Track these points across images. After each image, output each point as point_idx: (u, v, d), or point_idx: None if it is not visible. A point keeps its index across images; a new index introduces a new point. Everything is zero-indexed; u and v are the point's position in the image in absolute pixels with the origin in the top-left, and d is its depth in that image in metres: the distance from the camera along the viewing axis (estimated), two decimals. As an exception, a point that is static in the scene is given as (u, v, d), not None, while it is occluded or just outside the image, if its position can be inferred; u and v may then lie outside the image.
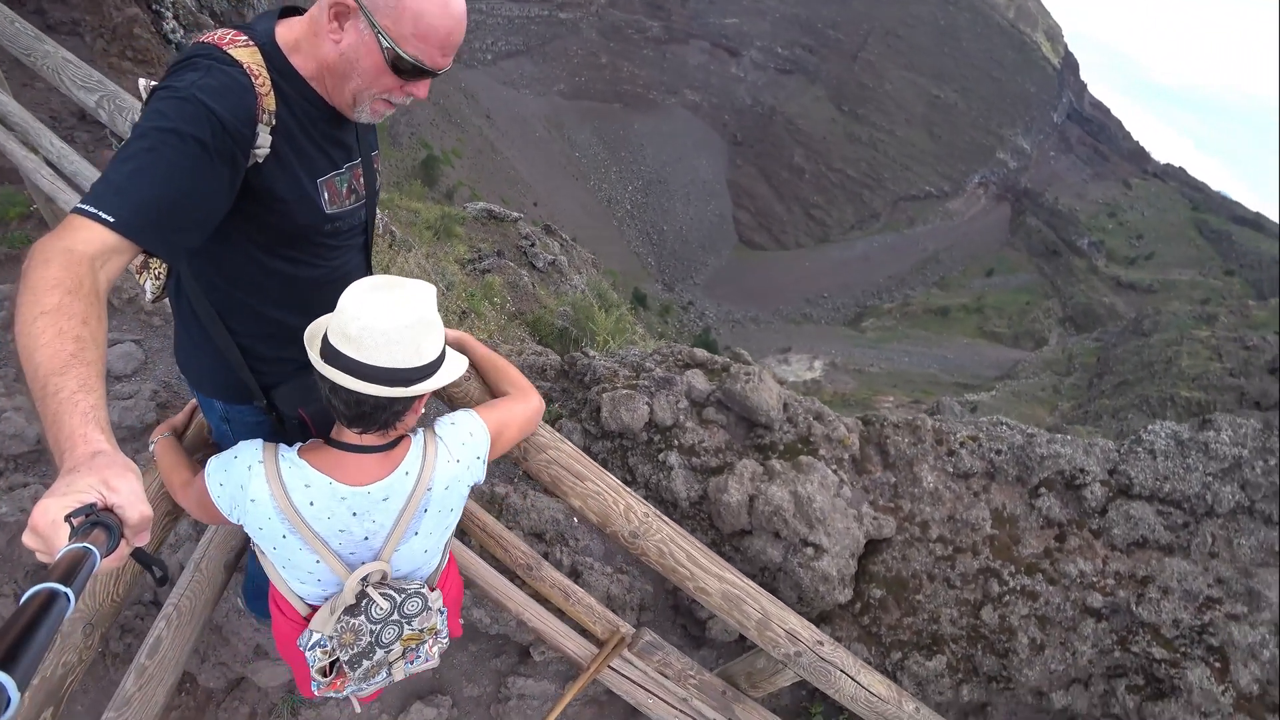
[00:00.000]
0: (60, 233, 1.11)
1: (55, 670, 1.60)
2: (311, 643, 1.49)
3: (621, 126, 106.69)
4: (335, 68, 1.37)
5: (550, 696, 3.40)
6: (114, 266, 1.16)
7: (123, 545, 0.87)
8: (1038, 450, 3.23)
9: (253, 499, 1.38)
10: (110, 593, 1.72)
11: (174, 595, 2.21)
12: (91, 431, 0.96)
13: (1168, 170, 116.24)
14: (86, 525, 0.81)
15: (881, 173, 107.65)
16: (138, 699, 2.02)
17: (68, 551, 0.76)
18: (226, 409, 1.74)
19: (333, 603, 1.49)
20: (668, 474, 3.38)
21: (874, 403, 44.39)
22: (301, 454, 1.42)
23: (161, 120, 1.20)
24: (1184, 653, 2.90)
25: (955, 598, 3.13)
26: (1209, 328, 37.62)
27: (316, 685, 1.56)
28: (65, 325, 1.02)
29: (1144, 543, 3.03)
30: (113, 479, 0.89)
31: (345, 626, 1.50)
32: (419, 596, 1.57)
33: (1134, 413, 25.30)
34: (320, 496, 1.39)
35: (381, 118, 1.46)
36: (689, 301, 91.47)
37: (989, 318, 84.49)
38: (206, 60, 1.28)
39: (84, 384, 0.99)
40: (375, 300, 1.28)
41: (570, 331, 8.97)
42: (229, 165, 1.27)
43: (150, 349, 3.99)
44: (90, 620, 1.67)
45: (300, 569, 1.48)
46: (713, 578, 2.10)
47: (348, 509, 1.41)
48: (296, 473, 1.39)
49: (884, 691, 2.21)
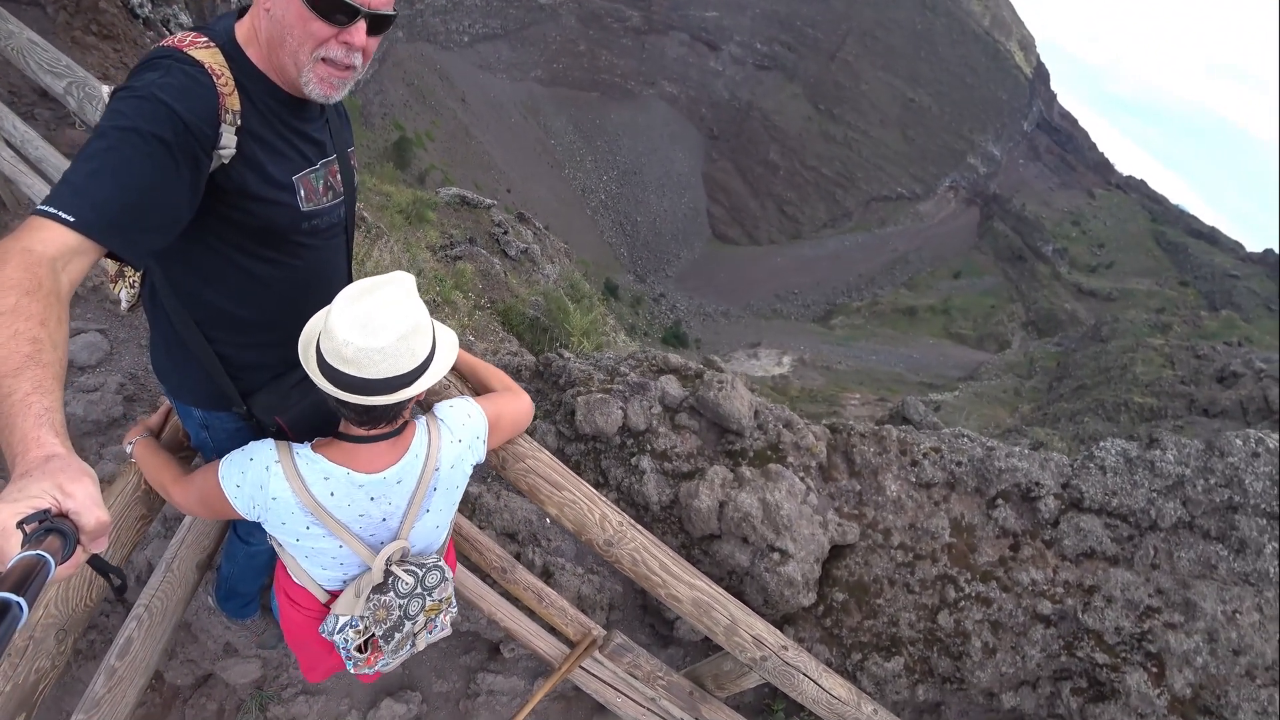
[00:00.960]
0: (19, 234, 1.10)
1: (28, 677, 1.60)
2: (340, 625, 1.57)
3: (598, 116, 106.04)
4: (272, 38, 1.34)
5: (519, 692, 3.45)
6: (76, 268, 1.14)
7: (79, 552, 0.84)
8: (996, 463, 3.36)
9: (274, 497, 1.43)
10: (83, 598, 1.72)
11: (144, 596, 2.21)
12: (45, 435, 0.92)
13: (1130, 182, 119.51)
14: (40, 532, 0.78)
15: (855, 172, 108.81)
16: (107, 701, 2.02)
17: (20, 559, 0.73)
18: (205, 416, 1.74)
19: (358, 585, 1.57)
20: (640, 478, 3.45)
21: (841, 399, 45.03)
22: (315, 449, 1.48)
23: (121, 119, 1.20)
24: (1124, 658, 3.06)
25: (914, 602, 3.26)
26: (1163, 336, 38.93)
27: (353, 663, 1.64)
28: (21, 326, 1.00)
29: (1092, 554, 3.18)
30: (68, 484, 0.86)
31: (376, 604, 1.58)
32: (437, 569, 1.66)
33: (1090, 416, 26.12)
34: (340, 487, 1.46)
35: (334, 90, 1.40)
36: (660, 293, 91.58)
37: (955, 319, 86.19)
38: (167, 61, 1.28)
39: (39, 386, 0.96)
40: (362, 318, 1.30)
41: (541, 322, 8.97)
42: (190, 165, 1.26)
43: (116, 339, 3.90)
44: (63, 626, 1.68)
45: (324, 556, 1.55)
46: (684, 585, 2.18)
47: (366, 495, 1.48)
48: (315, 467, 1.45)
49: (844, 694, 2.31)
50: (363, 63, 1.40)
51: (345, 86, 1.42)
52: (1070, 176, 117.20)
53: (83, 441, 3.38)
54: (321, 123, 1.57)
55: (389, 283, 1.37)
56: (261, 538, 2.17)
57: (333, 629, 1.60)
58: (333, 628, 1.60)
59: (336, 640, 1.60)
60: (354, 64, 1.38)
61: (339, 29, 1.30)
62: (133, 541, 1.87)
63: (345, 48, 1.34)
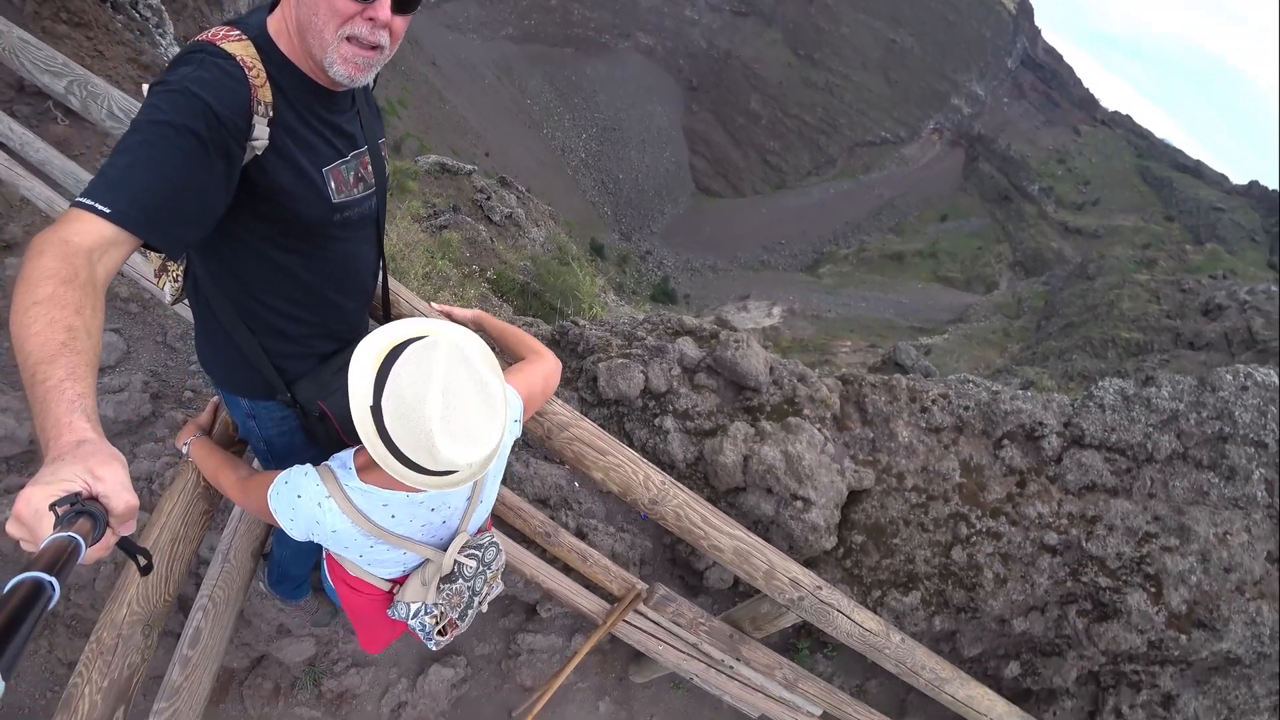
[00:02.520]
0: (57, 225, 1.13)
1: (121, 671, 1.71)
2: (414, 612, 1.62)
3: (573, 72, 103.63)
4: (300, 22, 1.34)
5: (558, 649, 3.65)
6: (112, 259, 1.16)
7: (108, 534, 0.86)
8: (1002, 406, 3.53)
9: (334, 530, 1.43)
10: (162, 593, 1.82)
11: (206, 587, 2.29)
12: (77, 420, 0.94)
13: (1115, 118, 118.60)
14: (71, 514, 0.80)
15: (838, 119, 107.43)
16: (185, 688, 2.11)
17: (53, 541, 0.74)
18: (252, 406, 1.77)
19: (423, 575, 1.60)
20: (664, 438, 3.60)
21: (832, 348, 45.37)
22: (364, 476, 1.41)
23: (156, 114, 1.21)
24: (1125, 580, 3.28)
25: (928, 540, 3.46)
26: (1149, 272, 39.28)
27: (434, 642, 1.68)
28: (57, 315, 1.02)
29: (1093, 486, 3.38)
30: (98, 468, 0.87)
31: (449, 593, 1.63)
32: (493, 545, 1.72)
33: (1078, 354, 26.53)
34: (400, 509, 1.45)
35: (359, 70, 1.38)
36: (647, 251, 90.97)
37: (942, 262, 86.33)
38: (200, 55, 1.30)
39: (72, 372, 0.98)
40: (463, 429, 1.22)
41: (532, 287, 9.01)
42: (224, 157, 1.27)
43: (131, 337, 3.90)
44: (147, 621, 1.78)
45: (385, 563, 1.59)
46: (725, 535, 2.33)
47: (427, 508, 1.49)
48: (370, 498, 1.42)
49: (875, 626, 2.50)
50: (390, 43, 1.39)
51: (372, 69, 1.41)
52: (1055, 114, 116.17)
53: (116, 442, 3.40)
54: (353, 114, 1.59)
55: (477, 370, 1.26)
56: None
57: (406, 615, 1.63)
58: (406, 614, 1.62)
59: (413, 624, 1.64)
60: (380, 43, 1.36)
61: (364, 5, 1.30)
62: (198, 537, 1.96)
63: (370, 24, 1.32)
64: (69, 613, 2.93)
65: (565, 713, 3.60)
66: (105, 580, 2.88)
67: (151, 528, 1.86)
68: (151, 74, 5.45)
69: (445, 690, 3.33)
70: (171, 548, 1.85)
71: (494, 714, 3.48)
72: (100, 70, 5.03)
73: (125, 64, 5.40)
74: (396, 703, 3.27)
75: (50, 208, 3.37)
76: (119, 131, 2.36)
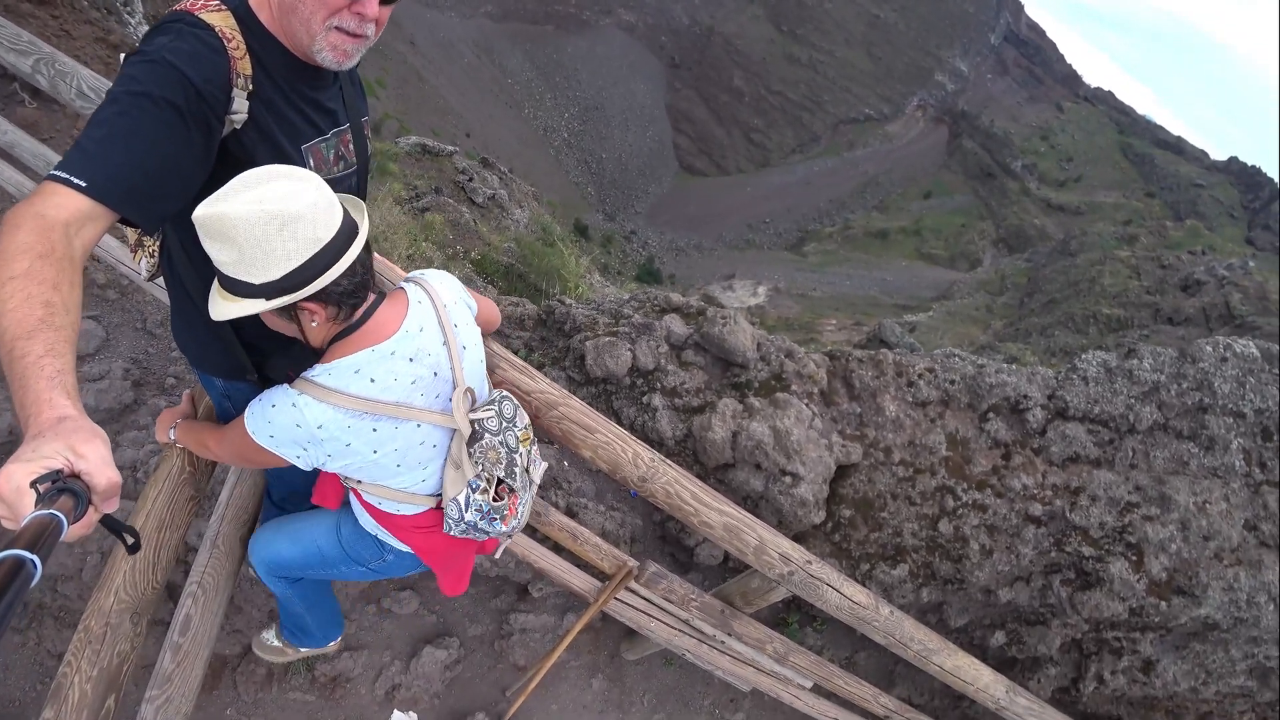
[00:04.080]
0: (32, 199, 1.09)
1: (111, 660, 1.69)
2: (466, 500, 1.53)
3: (554, 50, 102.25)
4: (284, 5, 1.32)
5: (550, 628, 3.67)
6: (89, 233, 1.13)
7: (91, 512, 0.85)
8: (987, 380, 3.56)
9: (319, 425, 1.34)
10: (150, 581, 1.79)
11: (195, 573, 2.26)
12: (58, 396, 0.93)
13: (1098, 94, 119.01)
14: (53, 492, 0.79)
15: (821, 95, 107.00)
16: (178, 675, 2.08)
17: (34, 519, 0.74)
18: (227, 386, 1.74)
19: (452, 456, 1.53)
20: (653, 415, 3.60)
21: (817, 326, 45.64)
22: (326, 360, 1.38)
23: (133, 84, 1.18)
24: (1107, 549, 3.34)
25: (915, 513, 3.50)
26: (1130, 248, 39.72)
27: (500, 521, 1.59)
28: (34, 290, 1.00)
29: (1076, 458, 3.43)
30: (79, 444, 0.86)
31: (482, 454, 1.54)
32: (506, 398, 1.64)
33: (1060, 329, 26.87)
34: (375, 369, 1.37)
35: (346, 57, 1.39)
36: (631, 231, 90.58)
37: (926, 240, 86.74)
38: (178, 25, 1.26)
39: (51, 348, 0.96)
40: (264, 197, 1.21)
41: (516, 268, 8.95)
42: (202, 130, 1.24)
43: (110, 324, 3.82)
44: (135, 609, 1.76)
45: (411, 453, 1.49)
46: (714, 512, 2.34)
47: (403, 358, 1.41)
48: (338, 371, 1.36)
49: (864, 599, 2.53)
50: (375, 31, 1.38)
51: (358, 53, 1.41)
52: (1038, 90, 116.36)
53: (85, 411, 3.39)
54: (335, 90, 1.55)
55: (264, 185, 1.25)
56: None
57: (461, 511, 1.54)
58: (460, 511, 1.54)
59: (470, 517, 1.55)
60: (366, 33, 1.36)
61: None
62: (185, 523, 1.94)
63: (358, 18, 1.32)
64: (56, 604, 2.91)
65: (559, 691, 3.63)
66: (92, 570, 2.86)
67: (137, 515, 1.84)
68: (120, 53, 5.29)
69: (439, 671, 3.34)
70: (158, 535, 1.83)
71: (488, 693, 3.51)
72: (68, 50, 4.88)
73: (93, 43, 5.24)
74: (390, 685, 3.28)
75: (20, 191, 3.29)
76: (89, 111, 2.30)
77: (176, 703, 1.97)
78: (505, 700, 3.48)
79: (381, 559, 1.83)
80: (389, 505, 1.64)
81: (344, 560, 1.88)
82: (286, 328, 1.40)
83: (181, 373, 3.53)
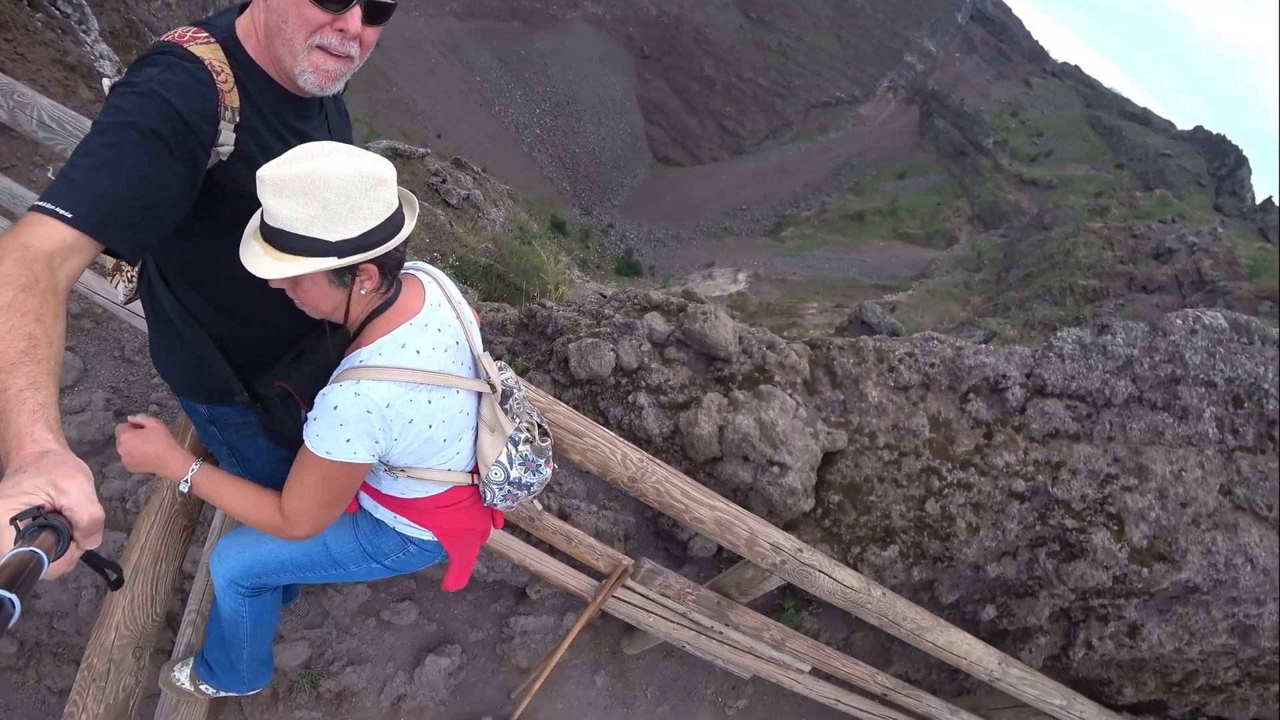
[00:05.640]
0: (16, 230, 1.09)
1: (116, 695, 1.71)
2: (505, 455, 1.58)
3: (522, 46, 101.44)
4: (269, 28, 1.32)
5: (550, 629, 3.70)
6: (73, 264, 1.13)
7: (72, 548, 0.83)
8: (966, 361, 3.63)
9: (386, 404, 1.36)
10: (149, 613, 1.81)
11: (193, 601, 2.26)
12: (39, 430, 0.91)
13: (1064, 69, 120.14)
14: (34, 528, 0.77)
15: (792, 80, 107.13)
16: (184, 704, 2.12)
17: (13, 556, 0.72)
18: (210, 411, 1.71)
19: (488, 420, 1.60)
20: (639, 414, 3.63)
21: (799, 310, 45.86)
22: (367, 341, 1.43)
23: (120, 115, 1.18)
24: (1089, 521, 3.43)
25: (902, 495, 3.56)
26: (1102, 219, 40.24)
27: (543, 469, 1.66)
28: (17, 322, 0.99)
29: (1056, 433, 3.51)
30: (61, 480, 0.85)
31: (518, 405, 1.64)
32: (503, 364, 1.75)
33: (1038, 302, 27.21)
34: (417, 341, 1.45)
35: (329, 79, 1.38)
36: (609, 224, 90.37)
37: (903, 220, 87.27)
38: (166, 56, 1.26)
39: (33, 381, 0.95)
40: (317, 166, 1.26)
41: (495, 269, 8.92)
42: (188, 162, 1.25)
43: (87, 354, 3.75)
44: (137, 643, 1.78)
45: (454, 423, 1.54)
46: (705, 507, 2.39)
47: (434, 329, 1.50)
48: (386, 350, 1.41)
49: (855, 583, 2.59)
50: (360, 53, 1.38)
51: (341, 78, 1.40)
52: (1006, 67, 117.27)
53: (68, 446, 3.35)
54: (320, 120, 1.56)
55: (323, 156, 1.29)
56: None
57: (506, 470, 1.58)
58: (505, 471, 1.58)
59: (515, 473, 1.60)
60: (350, 54, 1.36)
61: (334, 15, 1.29)
62: (180, 553, 1.93)
63: (340, 35, 1.32)
64: (54, 640, 2.88)
65: (563, 690, 3.67)
66: (88, 605, 2.84)
67: (132, 549, 1.84)
68: (79, 74, 5.19)
69: (443, 679, 3.36)
70: (154, 567, 1.83)
71: (493, 697, 3.54)
72: (24, 74, 4.78)
73: (50, 66, 5.14)
74: (396, 696, 3.30)
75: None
76: (50, 141, 2.26)
77: (183, 730, 1.99)
78: (510, 702, 3.51)
79: (404, 551, 1.80)
80: (418, 489, 1.63)
81: (359, 558, 1.82)
82: (329, 297, 1.40)
83: (164, 399, 3.50)
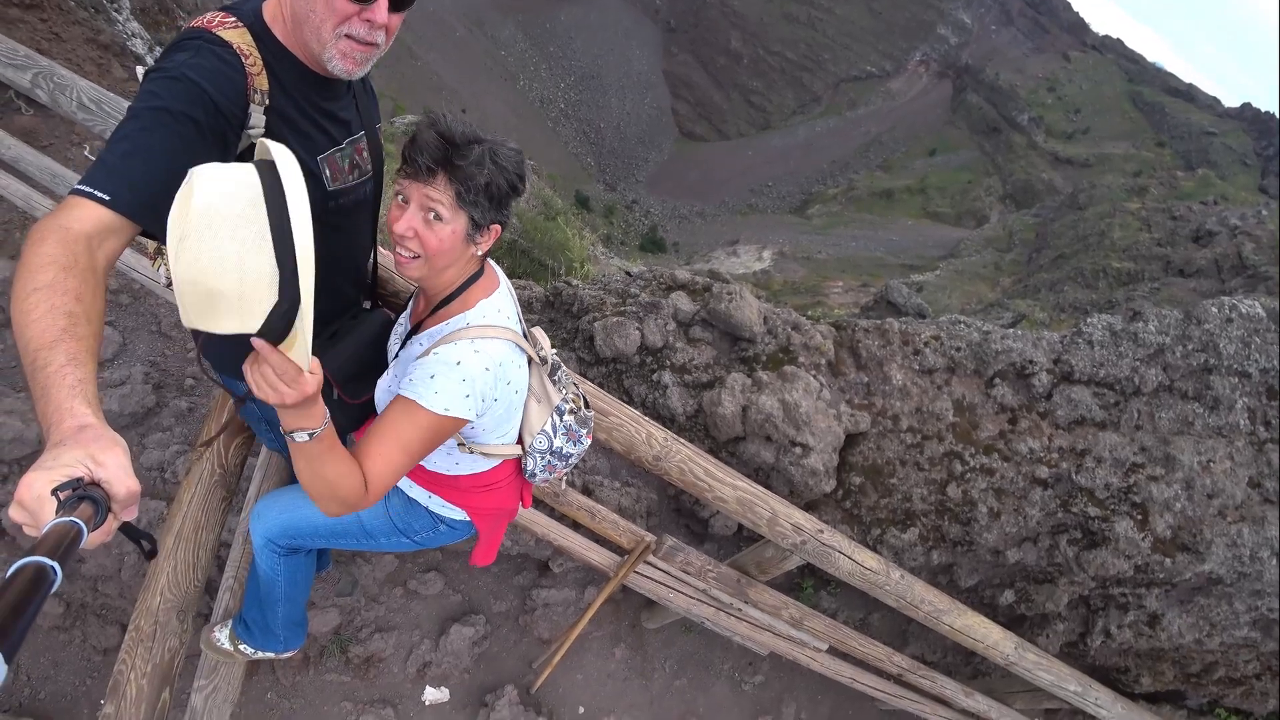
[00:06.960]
0: (57, 212, 1.13)
1: (162, 656, 1.81)
2: (549, 424, 1.64)
3: (547, 19, 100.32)
4: (297, 13, 1.35)
5: (572, 602, 3.78)
6: (112, 246, 1.17)
7: (110, 519, 0.86)
8: (993, 346, 3.60)
9: (499, 363, 1.43)
10: (191, 579, 1.90)
11: (230, 568, 2.34)
12: (78, 405, 0.95)
13: (1106, 42, 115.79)
14: (74, 499, 0.81)
15: (821, 54, 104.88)
16: (223, 665, 2.21)
17: (54, 526, 0.75)
18: None
19: (536, 391, 1.62)
20: (663, 393, 3.66)
21: (824, 289, 45.35)
22: (465, 307, 1.49)
23: (154, 100, 1.22)
24: (1113, 509, 3.41)
25: (924, 479, 3.57)
26: (1139, 200, 39.10)
27: (584, 438, 1.71)
28: (57, 301, 1.03)
29: (1082, 421, 3.48)
30: (99, 453, 0.88)
31: (565, 376, 1.71)
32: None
33: (1070, 285, 26.62)
34: (505, 305, 1.55)
35: (356, 65, 1.40)
36: (633, 200, 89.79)
37: (932, 198, 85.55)
38: (196, 42, 1.30)
39: (73, 358, 0.99)
40: None
41: (519, 244, 8.95)
42: (219, 144, 1.29)
43: (126, 329, 3.85)
44: (181, 606, 1.87)
45: (523, 382, 1.58)
46: (728, 487, 2.42)
47: (507, 297, 1.59)
48: (488, 312, 1.49)
49: (875, 565, 2.62)
50: (385, 40, 1.41)
51: (368, 62, 1.43)
52: (1044, 40, 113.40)
53: (124, 435, 3.41)
54: (348, 100, 1.58)
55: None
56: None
57: (550, 439, 1.63)
58: (550, 440, 1.63)
59: (558, 443, 1.66)
60: (376, 41, 1.38)
61: (361, 6, 1.31)
62: (220, 521, 2.03)
63: (368, 25, 1.34)
64: (98, 602, 3.01)
65: (583, 661, 3.76)
66: (130, 570, 2.96)
67: (174, 518, 1.92)
68: (112, 53, 5.26)
69: (467, 648, 3.46)
70: (196, 535, 1.91)
71: (515, 667, 3.64)
72: (59, 54, 4.86)
73: (84, 45, 5.22)
74: (422, 663, 3.40)
75: (28, 204, 3.33)
76: (89, 123, 2.33)
77: (224, 691, 2.08)
78: (532, 672, 3.61)
79: (434, 530, 1.84)
80: (477, 464, 1.67)
81: (389, 532, 1.86)
82: (456, 247, 1.44)
83: (199, 373, 3.61)
